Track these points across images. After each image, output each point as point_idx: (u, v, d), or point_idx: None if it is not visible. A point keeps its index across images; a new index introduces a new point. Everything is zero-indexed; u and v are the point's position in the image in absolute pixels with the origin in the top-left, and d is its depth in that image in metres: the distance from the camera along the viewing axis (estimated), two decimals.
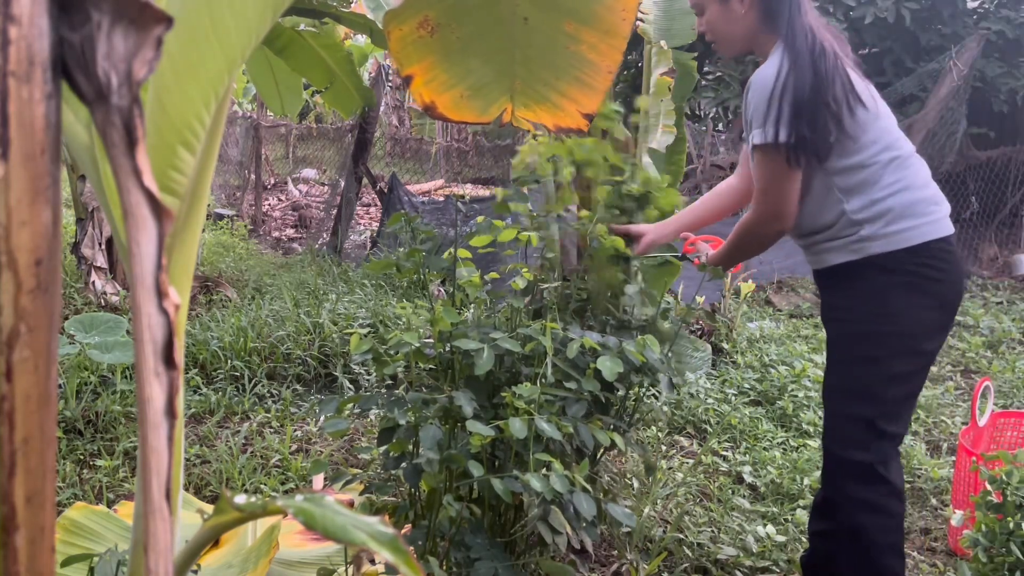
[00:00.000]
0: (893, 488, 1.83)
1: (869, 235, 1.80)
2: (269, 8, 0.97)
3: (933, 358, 1.89)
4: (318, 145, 13.31)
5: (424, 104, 1.60)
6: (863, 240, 1.81)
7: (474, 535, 1.71)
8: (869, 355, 1.82)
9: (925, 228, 1.80)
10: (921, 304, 1.79)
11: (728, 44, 1.95)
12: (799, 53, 1.75)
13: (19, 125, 0.57)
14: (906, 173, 1.82)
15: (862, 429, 1.82)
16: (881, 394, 1.81)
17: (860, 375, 1.84)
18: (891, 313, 1.79)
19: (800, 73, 1.73)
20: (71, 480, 2.70)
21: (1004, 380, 4.22)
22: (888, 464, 1.83)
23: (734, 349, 4.46)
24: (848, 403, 1.85)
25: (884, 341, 1.80)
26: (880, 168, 1.80)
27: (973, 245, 7.57)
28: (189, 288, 1.08)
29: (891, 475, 1.82)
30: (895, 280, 1.79)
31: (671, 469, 2.99)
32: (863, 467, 1.82)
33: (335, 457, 3.04)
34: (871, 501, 1.81)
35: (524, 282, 2.08)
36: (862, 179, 1.80)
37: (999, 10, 7.79)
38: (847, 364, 1.87)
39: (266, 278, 5.62)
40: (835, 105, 1.74)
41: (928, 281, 1.79)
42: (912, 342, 1.81)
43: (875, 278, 1.81)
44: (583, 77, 1.58)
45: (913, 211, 1.80)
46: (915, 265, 1.79)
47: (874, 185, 1.80)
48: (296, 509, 0.70)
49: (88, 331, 3.30)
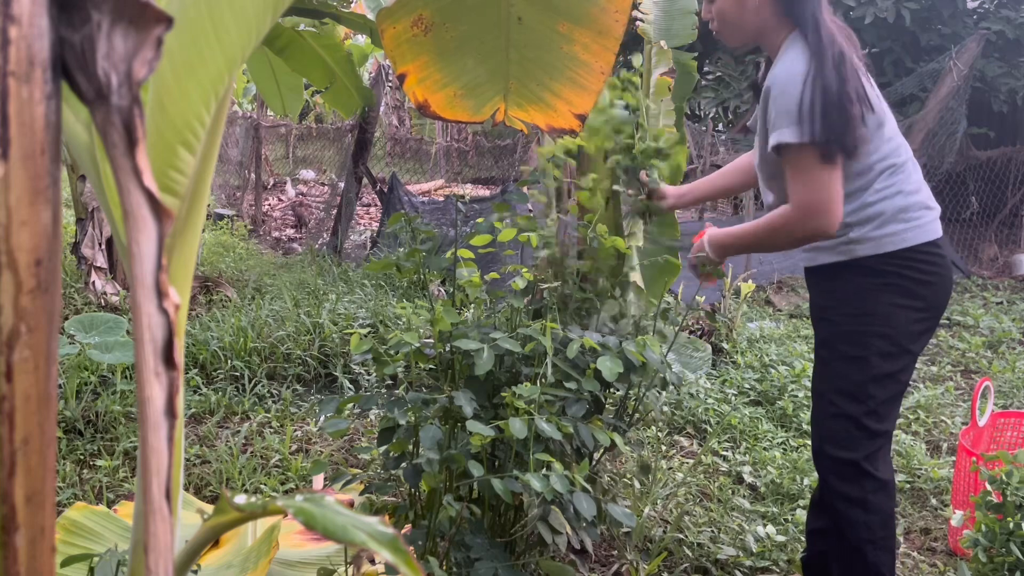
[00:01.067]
0: (880, 483, 1.84)
1: (857, 238, 1.82)
2: (269, 8, 0.97)
3: (916, 358, 1.90)
4: (318, 145, 13.31)
5: (417, 103, 1.60)
6: (851, 242, 1.82)
7: (474, 535, 1.71)
8: (854, 354, 1.84)
9: (913, 232, 1.81)
10: (906, 306, 1.81)
11: (735, 34, 1.93)
12: (824, 50, 1.74)
13: (19, 125, 0.57)
14: (898, 179, 1.83)
15: (848, 427, 1.84)
16: (866, 393, 1.83)
17: (845, 374, 1.85)
18: (876, 314, 1.81)
19: (827, 71, 1.72)
20: (71, 480, 2.70)
21: (1004, 380, 4.22)
22: (875, 460, 1.84)
23: (734, 349, 4.46)
24: (833, 401, 1.86)
25: (869, 341, 1.82)
26: (875, 175, 1.82)
27: (973, 245, 7.57)
28: (189, 288, 1.08)
29: (878, 471, 1.84)
30: (881, 282, 1.81)
31: (671, 469, 2.99)
32: (849, 464, 1.84)
33: (335, 457, 3.04)
34: (857, 497, 1.84)
35: (524, 282, 2.08)
36: (857, 185, 1.82)
37: (999, 10, 7.80)
38: (833, 363, 1.89)
39: (266, 278, 5.62)
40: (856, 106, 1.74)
41: (914, 283, 1.81)
42: (897, 343, 1.82)
43: (861, 280, 1.83)
44: (576, 77, 1.58)
45: (902, 216, 1.82)
46: (901, 268, 1.81)
47: (866, 190, 1.82)
48: (296, 509, 0.70)
49: (88, 331, 3.30)
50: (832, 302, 1.89)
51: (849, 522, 1.85)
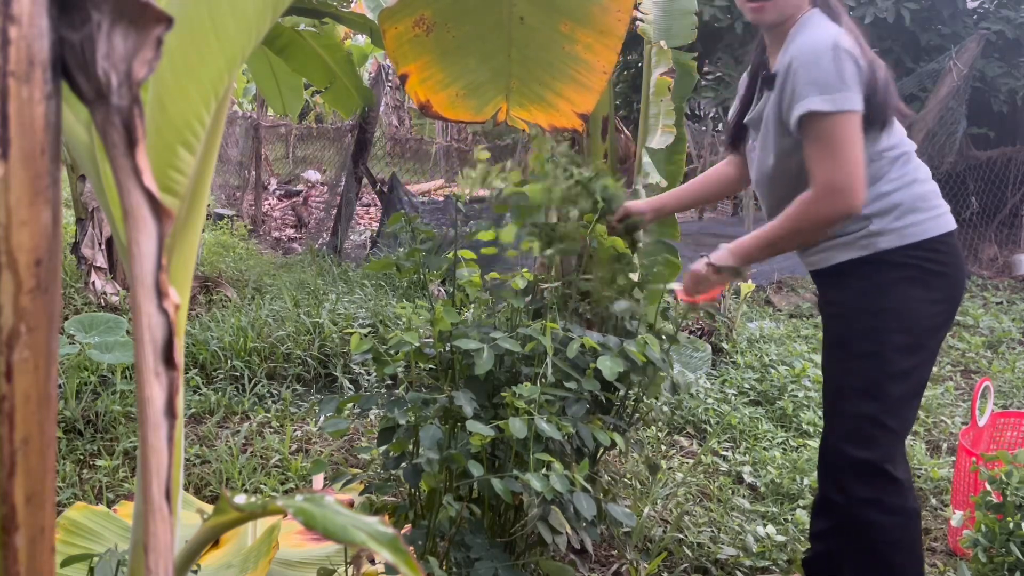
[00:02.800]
0: (901, 485, 1.80)
1: (878, 230, 1.77)
2: (269, 8, 0.97)
3: (936, 354, 1.87)
4: (318, 145, 13.30)
5: (419, 102, 1.61)
6: (872, 235, 1.77)
7: (474, 535, 1.71)
8: (872, 351, 1.79)
9: (933, 222, 1.78)
10: (925, 298, 1.77)
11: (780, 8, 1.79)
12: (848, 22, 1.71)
13: (19, 125, 0.57)
14: (911, 167, 1.81)
15: (867, 426, 1.79)
16: (885, 390, 1.78)
17: (863, 371, 1.80)
18: (895, 308, 1.77)
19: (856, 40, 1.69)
20: (71, 480, 2.70)
21: (1004, 380, 4.23)
22: (895, 461, 1.80)
23: (734, 349, 4.46)
24: (852, 400, 1.82)
25: (886, 337, 1.78)
26: (887, 163, 1.78)
27: (973, 245, 7.57)
28: (189, 288, 1.08)
29: (898, 472, 1.80)
30: (901, 275, 1.77)
31: (671, 469, 2.99)
32: (869, 465, 1.79)
33: (335, 457, 3.04)
34: (879, 499, 1.79)
35: (524, 282, 2.08)
36: (871, 173, 1.76)
37: (999, 10, 7.80)
38: (848, 361, 1.84)
39: (266, 278, 5.62)
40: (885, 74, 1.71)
41: (933, 276, 1.77)
42: (915, 337, 1.78)
43: (881, 274, 1.78)
44: (578, 77, 1.58)
45: (921, 205, 1.78)
46: (921, 260, 1.76)
47: (881, 179, 1.77)
48: (296, 509, 0.70)
49: (88, 331, 3.30)
50: (848, 298, 1.83)
51: (870, 524, 1.80)
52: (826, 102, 1.65)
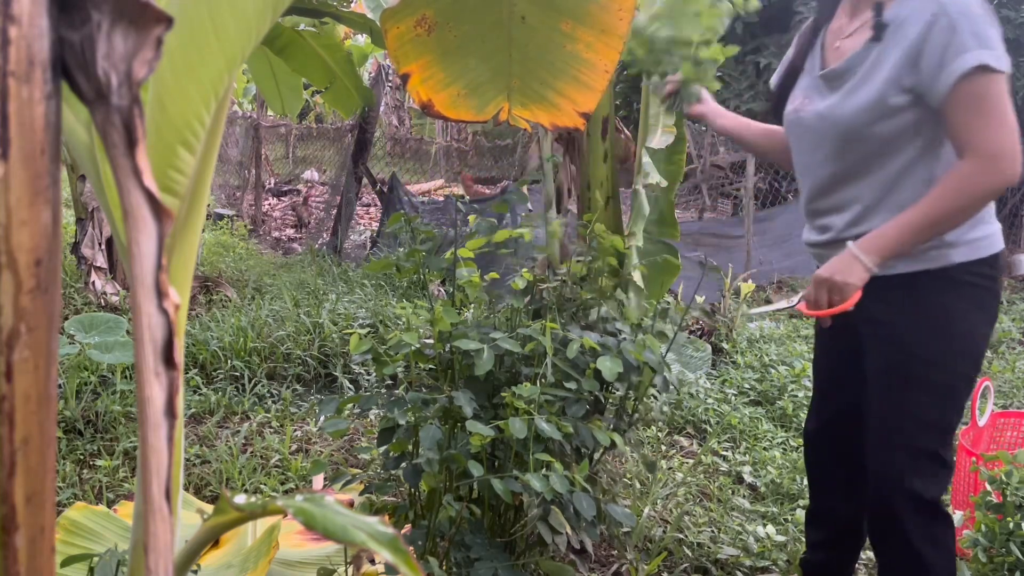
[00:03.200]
0: (950, 520, 1.69)
1: (952, 241, 1.56)
2: (269, 8, 0.97)
3: None
4: (318, 145, 13.31)
5: (421, 102, 1.61)
6: (944, 246, 1.56)
7: (474, 535, 1.71)
8: (943, 383, 1.61)
9: (998, 236, 1.61)
10: (982, 321, 1.62)
11: None
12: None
13: (19, 125, 0.57)
14: None
15: (929, 461, 1.63)
16: (946, 423, 1.63)
17: (931, 406, 1.62)
18: (958, 334, 1.59)
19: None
20: (71, 480, 2.70)
21: (1004, 380, 4.22)
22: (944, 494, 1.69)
23: (734, 349, 4.46)
24: (913, 434, 1.63)
25: (956, 367, 1.60)
26: None
27: None
28: (189, 288, 1.08)
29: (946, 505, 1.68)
30: (964, 294, 1.58)
31: (671, 469, 2.99)
32: (931, 504, 1.65)
33: (335, 457, 3.04)
34: (935, 535, 1.66)
35: (524, 282, 2.08)
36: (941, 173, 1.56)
37: (999, 10, 7.79)
38: (909, 392, 1.63)
39: (266, 278, 5.62)
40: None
41: (990, 296, 1.61)
42: (973, 365, 1.63)
43: (946, 293, 1.58)
44: (580, 76, 1.58)
45: (988, 215, 1.60)
46: (983, 278, 1.59)
47: None
48: (296, 509, 0.70)
49: (88, 331, 3.30)
50: (904, 320, 1.61)
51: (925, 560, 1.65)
52: (994, 58, 1.46)
